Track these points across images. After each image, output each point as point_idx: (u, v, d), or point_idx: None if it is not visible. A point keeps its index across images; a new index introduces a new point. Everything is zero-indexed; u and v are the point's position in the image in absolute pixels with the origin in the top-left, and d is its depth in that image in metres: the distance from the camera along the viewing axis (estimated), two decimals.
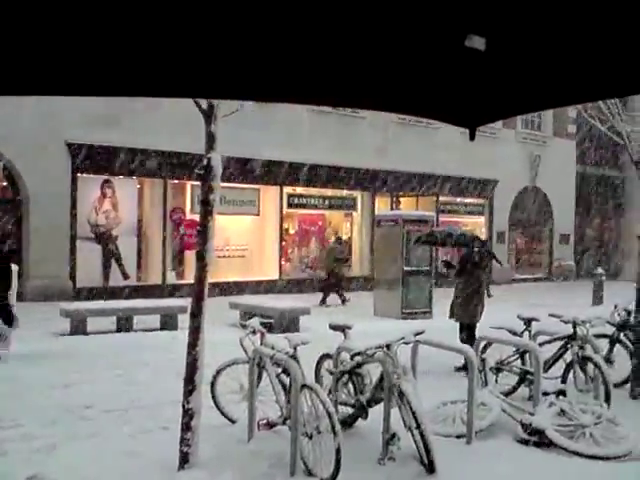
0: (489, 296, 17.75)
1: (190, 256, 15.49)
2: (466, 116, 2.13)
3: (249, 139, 15.55)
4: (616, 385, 7.21)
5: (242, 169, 16.22)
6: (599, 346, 7.14)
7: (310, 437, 4.68)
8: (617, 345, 7.88)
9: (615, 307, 8.12)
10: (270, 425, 5.24)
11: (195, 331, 4.64)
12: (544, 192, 24.14)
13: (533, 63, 1.85)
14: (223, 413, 5.92)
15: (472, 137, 2.14)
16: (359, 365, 5.56)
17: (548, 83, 1.92)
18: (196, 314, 4.65)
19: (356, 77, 1.93)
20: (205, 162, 4.55)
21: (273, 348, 5.21)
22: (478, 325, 8.80)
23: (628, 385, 7.41)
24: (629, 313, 7.71)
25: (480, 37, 1.70)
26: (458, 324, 8.90)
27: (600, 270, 17.94)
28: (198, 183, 4.82)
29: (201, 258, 4.58)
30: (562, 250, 25.00)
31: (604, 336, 7.89)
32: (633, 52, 1.64)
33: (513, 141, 23.20)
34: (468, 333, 8.59)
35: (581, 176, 25.53)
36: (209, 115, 4.56)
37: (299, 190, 18.22)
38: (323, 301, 15.10)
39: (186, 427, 4.50)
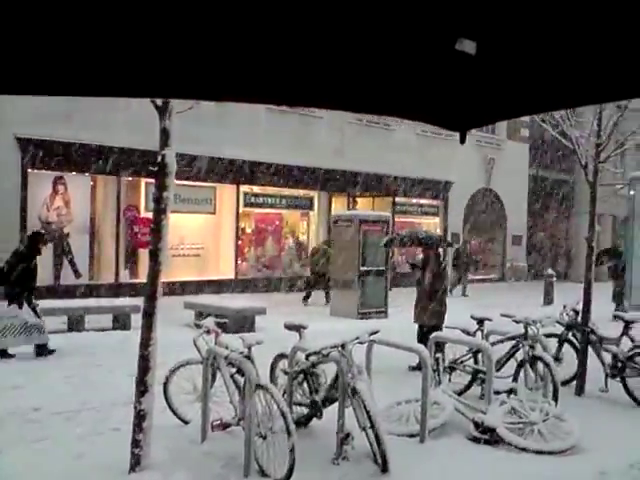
0: (465, 296, 18.11)
1: (144, 255, 15.23)
2: (456, 119, 2.13)
3: (206, 137, 15.40)
4: (564, 383, 7.41)
5: (198, 167, 16.05)
6: (549, 345, 7.32)
7: (264, 437, 4.65)
8: (565, 344, 8.08)
9: (564, 307, 8.31)
10: (224, 426, 5.19)
11: (147, 331, 4.56)
12: (498, 194, 24.60)
13: (523, 67, 1.85)
14: (176, 414, 5.84)
15: (462, 140, 2.15)
16: (314, 365, 5.56)
17: (538, 87, 1.92)
18: (149, 313, 4.57)
19: (346, 80, 1.92)
20: (159, 159, 4.48)
21: (227, 348, 5.17)
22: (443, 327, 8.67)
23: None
24: (577, 313, 7.91)
25: (471, 41, 1.70)
26: (417, 326, 8.81)
27: (550, 271, 18.40)
28: (153, 180, 4.73)
29: (154, 257, 4.51)
30: (515, 251, 25.53)
31: (553, 335, 8.09)
32: (621, 57, 1.65)
33: (468, 143, 23.26)
34: (427, 334, 8.60)
35: (533, 179, 26.11)
36: (163, 111, 4.49)
37: (256, 189, 18.13)
38: (306, 298, 15.37)
39: (138, 429, 4.42)
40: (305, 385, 5.76)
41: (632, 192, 9.52)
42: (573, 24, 1.59)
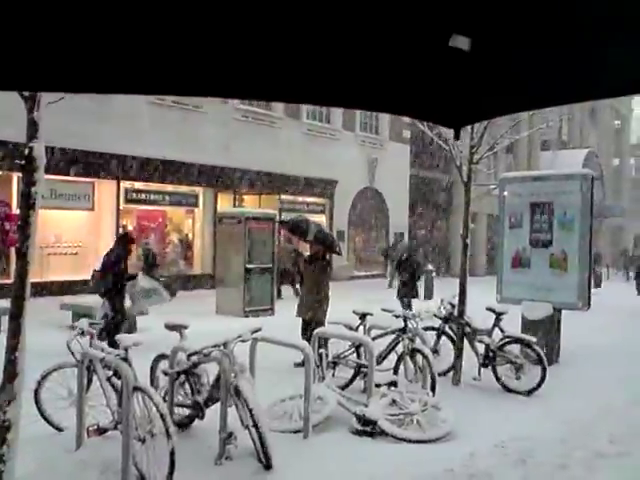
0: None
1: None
2: (450, 116, 2.11)
3: (83, 130, 14.70)
4: (441, 373, 7.75)
5: (75, 161, 15.28)
6: (427, 338, 7.62)
7: (143, 441, 4.50)
8: (443, 336, 8.45)
9: (441, 301, 8.68)
10: (100, 431, 4.97)
11: (15, 334, 4.25)
12: (381, 193, 25.33)
13: (516, 63, 1.85)
14: (49, 421, 5.52)
15: (457, 137, 2.14)
16: (195, 365, 5.45)
17: (532, 84, 1.93)
18: (16, 315, 4.26)
19: (341, 76, 1.88)
20: (26, 152, 4.19)
21: (103, 350, 4.95)
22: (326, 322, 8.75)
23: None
24: (453, 306, 8.29)
25: (464, 37, 1.69)
26: (301, 321, 8.87)
27: (430, 267, 19.18)
28: None
29: (22, 255, 4.22)
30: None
31: (432, 328, 8.44)
32: (616, 54, 1.67)
33: (352, 143, 24.09)
34: (311, 330, 8.66)
35: (415, 178, 27.12)
36: (30, 101, 4.21)
37: (138, 185, 17.51)
38: (279, 294, 15.79)
39: (1, 442, 4.11)
40: (187, 386, 5.63)
41: (505, 193, 10.08)
42: (566, 20, 1.60)
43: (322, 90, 2.03)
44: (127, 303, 9.51)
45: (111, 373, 5.05)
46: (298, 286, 15.19)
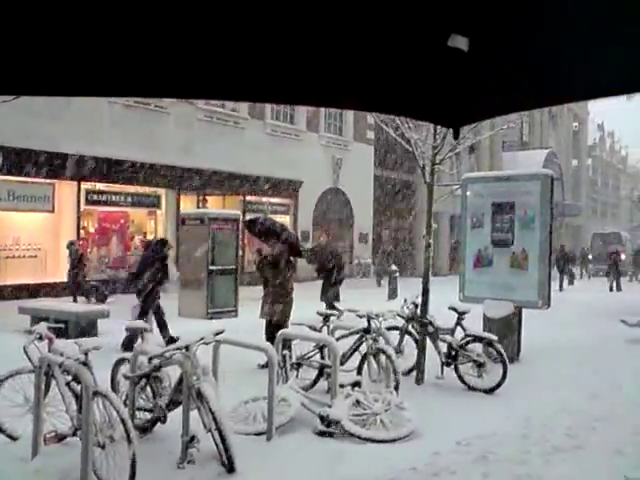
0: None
1: None
2: (450, 116, 2.10)
3: (42, 130, 14.42)
4: (405, 373, 7.81)
5: (34, 162, 14.96)
6: (391, 338, 7.66)
7: (103, 447, 4.41)
8: (406, 336, 8.50)
9: (405, 301, 8.74)
10: (59, 438, 4.86)
11: None
12: (345, 194, 25.41)
13: (515, 63, 1.84)
14: (2, 430, 5.36)
15: (456, 136, 2.12)
16: (157, 368, 5.38)
17: (531, 84, 1.92)
18: None
19: (340, 78, 1.86)
20: None
21: (62, 355, 4.85)
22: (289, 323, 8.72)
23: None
24: (416, 306, 8.35)
25: (463, 37, 1.68)
26: (265, 322, 8.81)
27: (394, 267, 19.33)
28: None
29: None
30: (361, 248, 26.52)
31: (395, 328, 8.48)
32: (612, 54, 1.67)
33: (317, 144, 24.12)
34: (275, 331, 8.64)
35: (379, 179, 27.28)
36: None
37: (99, 186, 17.25)
38: None
39: None
40: (148, 389, 5.55)
41: (468, 193, 10.20)
42: (564, 20, 1.60)
43: (320, 91, 2.03)
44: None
45: (70, 378, 4.95)
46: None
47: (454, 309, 8.39)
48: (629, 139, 76.87)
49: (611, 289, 24.57)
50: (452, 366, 7.89)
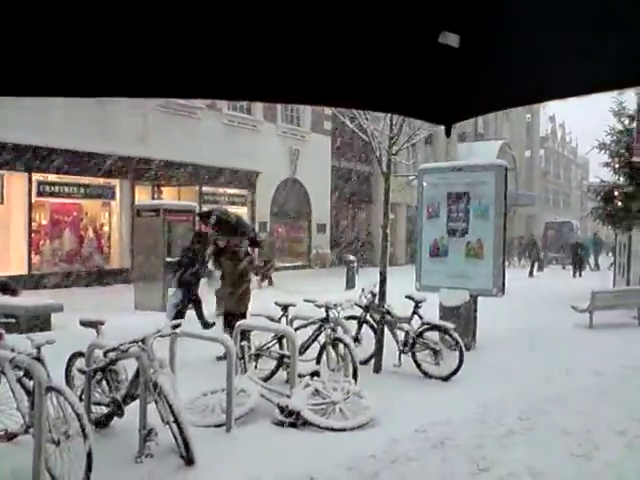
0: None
1: None
2: (442, 113, 2.08)
3: None
4: (363, 362, 7.87)
5: None
6: (349, 327, 7.70)
7: (57, 443, 4.32)
8: (365, 325, 8.57)
9: (362, 290, 8.80)
10: (9, 437, 4.74)
11: None
12: (303, 184, 25.39)
13: (507, 60, 1.83)
14: None
15: (448, 134, 2.10)
16: (113, 362, 5.30)
17: (523, 80, 1.91)
18: None
19: (331, 75, 1.84)
20: None
21: (13, 350, 4.72)
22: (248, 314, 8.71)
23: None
24: (374, 295, 8.42)
25: (454, 34, 1.66)
26: (223, 314, 8.77)
27: (352, 257, 19.43)
28: None
29: None
30: (320, 239, 26.57)
31: (353, 318, 8.54)
32: (604, 48, 1.67)
33: (274, 134, 24.01)
34: (234, 322, 8.62)
35: (337, 170, 27.35)
36: None
37: (51, 177, 16.81)
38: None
39: None
40: (104, 383, 5.47)
41: (424, 183, 10.30)
42: (555, 15, 1.60)
43: (312, 90, 2.00)
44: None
45: (22, 374, 4.83)
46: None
47: (411, 298, 8.48)
48: (579, 131, 78.86)
49: (574, 275, 26.82)
50: (409, 354, 7.99)
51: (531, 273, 26.81)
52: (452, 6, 1.67)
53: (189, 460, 4.73)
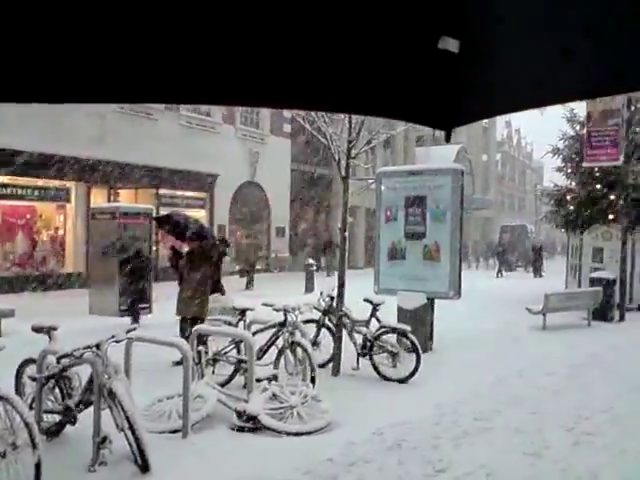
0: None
1: None
2: (442, 118, 2.06)
3: None
4: (321, 365, 7.88)
5: None
6: (307, 331, 7.71)
7: (3, 455, 4.18)
8: (323, 328, 8.58)
9: (321, 294, 8.81)
10: None
11: None
12: (262, 187, 25.30)
13: (506, 65, 1.83)
14: None
15: (448, 139, 2.08)
16: (66, 368, 5.18)
17: (522, 85, 1.90)
18: None
19: (330, 80, 1.82)
20: None
21: None
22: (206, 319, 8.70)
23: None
24: (332, 299, 8.44)
25: (453, 39, 1.65)
26: (180, 319, 8.68)
27: (311, 261, 19.45)
28: None
29: None
30: (279, 242, 26.51)
31: (312, 321, 8.54)
32: (603, 53, 1.67)
33: (233, 137, 23.87)
34: (192, 326, 8.55)
35: (296, 173, 27.33)
36: None
37: (3, 179, 16.38)
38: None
39: None
40: (57, 391, 5.34)
41: (383, 187, 10.38)
42: (555, 20, 1.60)
43: (311, 94, 1.98)
44: None
45: None
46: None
47: (369, 301, 8.53)
48: (534, 136, 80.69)
49: (535, 276, 29.19)
50: (367, 357, 8.03)
51: (498, 274, 29.81)
52: (451, 11, 1.68)
53: (144, 467, 4.66)
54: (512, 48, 1.79)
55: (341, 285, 8.22)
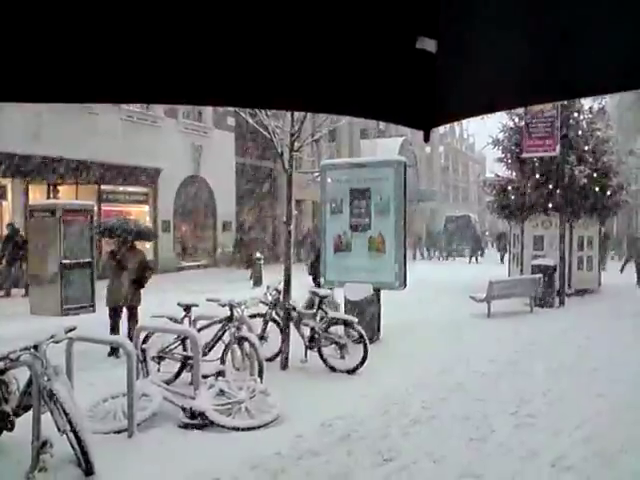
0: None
1: None
2: (420, 118, 2.03)
3: None
4: (269, 359, 7.86)
5: None
6: (254, 325, 7.66)
7: None
8: (270, 322, 8.55)
9: (267, 288, 8.78)
10: None
11: None
12: (207, 181, 24.99)
13: (485, 64, 1.80)
14: None
15: (427, 139, 2.04)
16: (2, 372, 5.00)
17: (502, 84, 1.88)
18: None
19: (307, 80, 1.79)
20: None
21: None
22: (139, 310, 8.88)
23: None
24: (279, 292, 8.41)
25: (431, 39, 1.63)
26: (109, 310, 8.89)
27: (258, 255, 19.36)
28: None
29: None
30: (225, 237, 26.26)
31: (259, 315, 8.50)
32: (583, 53, 1.65)
33: (175, 130, 23.46)
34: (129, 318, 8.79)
35: (241, 167, 27.10)
36: None
37: None
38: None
39: None
40: None
41: (329, 180, 10.38)
42: (534, 19, 1.58)
43: (288, 95, 1.94)
44: None
45: None
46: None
47: (315, 293, 8.54)
48: (475, 127, 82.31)
49: (502, 261, 29.18)
50: (316, 349, 8.05)
51: (470, 260, 32.25)
52: (428, 11, 1.67)
53: (88, 470, 4.54)
54: (491, 48, 1.80)
55: (288, 279, 8.21)
